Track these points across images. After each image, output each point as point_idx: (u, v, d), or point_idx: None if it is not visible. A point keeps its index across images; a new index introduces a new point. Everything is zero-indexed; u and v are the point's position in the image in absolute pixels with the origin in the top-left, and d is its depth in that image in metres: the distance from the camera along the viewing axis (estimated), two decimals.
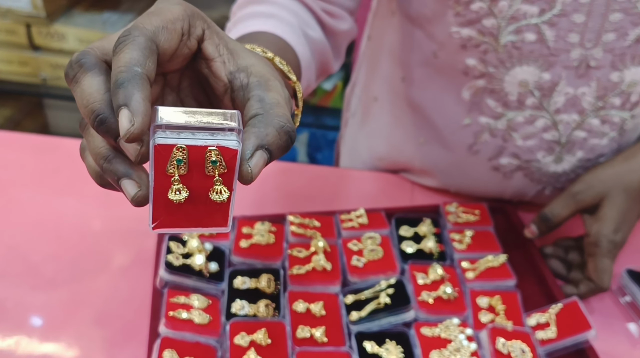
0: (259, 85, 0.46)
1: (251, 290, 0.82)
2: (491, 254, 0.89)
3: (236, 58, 0.48)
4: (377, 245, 0.89)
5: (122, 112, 0.39)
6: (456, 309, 0.81)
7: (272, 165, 1.20)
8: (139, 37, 0.42)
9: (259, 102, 0.45)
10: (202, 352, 0.73)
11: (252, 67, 0.47)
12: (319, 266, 0.84)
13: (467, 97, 0.89)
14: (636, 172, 0.86)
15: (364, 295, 0.82)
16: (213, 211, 0.45)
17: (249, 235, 0.89)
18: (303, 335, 0.76)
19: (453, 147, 0.96)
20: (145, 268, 0.88)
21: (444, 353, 0.74)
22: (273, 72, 0.49)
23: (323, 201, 1.03)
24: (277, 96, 0.46)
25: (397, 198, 1.04)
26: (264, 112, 0.44)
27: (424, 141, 1.00)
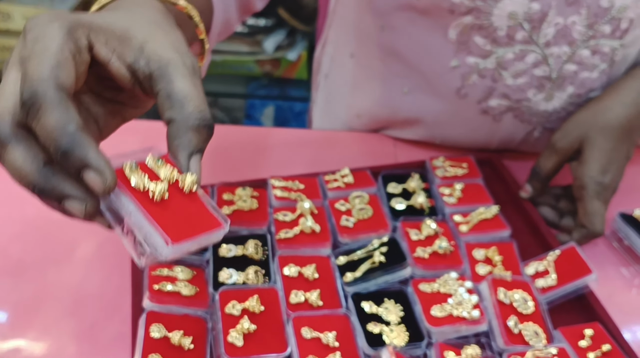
0: (162, 77, 0.45)
1: (238, 258, 0.77)
2: (483, 206, 0.86)
3: (128, 45, 0.46)
4: (366, 203, 0.85)
5: (89, 175, 0.40)
6: (453, 263, 0.78)
7: (249, 131, 1.15)
8: (47, 96, 0.40)
9: (168, 100, 0.45)
10: (191, 325, 0.68)
11: (146, 47, 0.46)
12: (307, 228, 0.80)
13: (453, 37, 0.85)
14: (611, 110, 0.84)
15: (357, 255, 0.78)
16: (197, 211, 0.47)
17: (230, 201, 0.84)
18: (297, 300, 0.72)
19: (440, 93, 0.93)
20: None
21: (445, 307, 0.71)
22: (165, 33, 0.48)
23: (303, 164, 0.98)
24: (181, 85, 0.45)
25: (380, 156, 1.01)
26: (177, 116, 0.45)
27: (408, 91, 0.96)
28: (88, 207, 0.43)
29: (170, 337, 0.66)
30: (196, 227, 0.46)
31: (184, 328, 0.67)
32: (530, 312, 0.72)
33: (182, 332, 0.67)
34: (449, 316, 0.71)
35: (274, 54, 2.30)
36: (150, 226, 0.44)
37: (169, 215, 0.45)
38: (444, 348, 0.67)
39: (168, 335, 0.66)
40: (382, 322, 0.71)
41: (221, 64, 2.31)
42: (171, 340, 0.66)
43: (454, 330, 0.70)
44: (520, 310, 0.72)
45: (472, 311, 0.70)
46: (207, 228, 0.47)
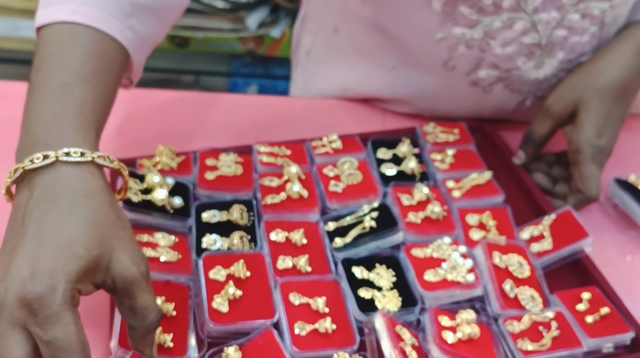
0: (125, 293, 0.52)
1: (222, 224, 0.74)
2: (475, 172, 0.84)
3: (97, 271, 0.51)
4: (355, 169, 0.82)
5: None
6: (445, 228, 0.75)
7: (233, 98, 1.11)
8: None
9: (131, 312, 0.53)
10: (173, 292, 0.65)
11: (112, 268, 0.51)
12: (295, 194, 0.76)
13: (438, 8, 0.82)
14: (606, 72, 0.82)
15: (346, 221, 0.75)
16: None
17: (214, 166, 0.80)
18: (285, 266, 0.69)
19: (427, 67, 0.89)
20: None
21: (439, 272, 0.69)
22: (124, 244, 0.53)
23: (290, 131, 0.94)
24: (142, 300, 0.52)
25: (368, 124, 0.97)
26: (139, 325, 0.53)
27: (394, 66, 0.93)
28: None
29: None
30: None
31: (166, 295, 0.64)
32: (525, 276, 0.70)
33: (164, 298, 0.63)
34: (443, 281, 0.68)
35: (257, 31, 2.24)
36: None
37: None
38: (438, 313, 0.64)
39: None
40: (374, 287, 0.68)
41: (202, 41, 2.25)
42: None
43: (448, 295, 0.68)
44: (516, 274, 0.69)
45: (466, 275, 0.68)
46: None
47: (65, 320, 0.46)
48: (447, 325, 0.63)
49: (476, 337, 0.62)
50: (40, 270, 0.47)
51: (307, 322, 0.63)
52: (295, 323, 0.63)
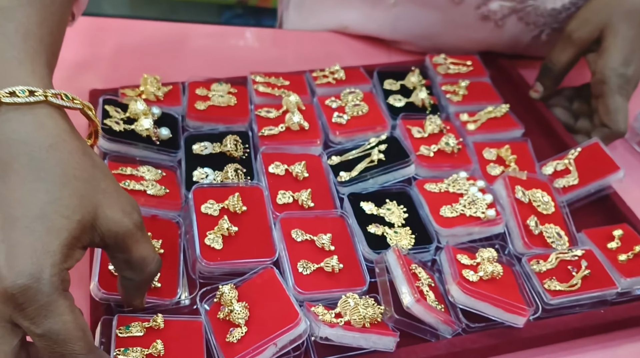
0: (118, 247, 0.45)
1: (214, 156, 0.66)
2: (491, 105, 0.76)
3: (83, 232, 0.42)
4: (360, 100, 0.74)
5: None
6: (461, 163, 0.68)
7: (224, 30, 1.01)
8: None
9: (127, 264, 0.46)
10: (161, 228, 0.58)
11: (97, 224, 0.43)
12: (295, 125, 0.69)
13: None
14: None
15: (352, 155, 0.68)
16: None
17: (204, 96, 0.73)
18: (285, 200, 0.62)
19: (431, 2, 0.81)
20: None
21: (456, 208, 0.62)
22: (108, 196, 0.44)
23: (286, 64, 0.87)
24: (138, 252, 0.45)
25: (372, 56, 0.89)
26: (138, 277, 0.47)
27: (394, 2, 0.84)
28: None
29: None
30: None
31: (152, 231, 0.57)
32: (550, 212, 0.63)
33: (150, 234, 0.56)
34: (460, 216, 0.61)
35: None
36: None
37: None
38: (457, 251, 0.58)
39: None
40: (384, 224, 0.61)
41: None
42: None
43: (467, 232, 0.61)
44: (540, 210, 0.63)
45: (487, 210, 0.61)
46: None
47: (58, 310, 0.38)
48: (467, 264, 0.57)
49: (499, 276, 0.56)
50: (17, 256, 0.38)
51: (311, 261, 0.56)
52: (299, 262, 0.56)
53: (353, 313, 0.51)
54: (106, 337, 0.49)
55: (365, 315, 0.51)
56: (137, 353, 0.48)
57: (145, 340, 0.49)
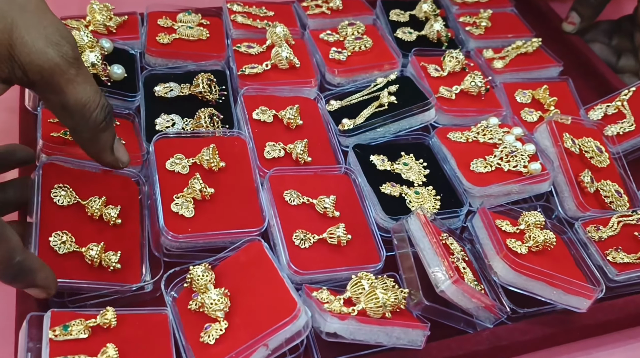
0: (49, 87, 0.37)
1: (183, 99, 0.52)
2: (519, 39, 0.63)
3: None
4: (362, 34, 0.61)
5: (33, 291, 0.37)
6: (489, 107, 0.56)
7: None
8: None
9: (64, 111, 0.38)
10: (116, 189, 0.44)
11: (16, 54, 0.35)
12: (283, 62, 0.55)
13: None
14: None
15: (355, 98, 0.55)
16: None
17: (169, 28, 0.58)
18: (275, 154, 0.49)
19: None
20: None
21: (490, 161, 0.49)
22: (30, 17, 0.35)
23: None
24: (74, 94, 0.37)
25: None
26: (81, 125, 0.39)
27: None
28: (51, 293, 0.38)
29: (86, 205, 0.42)
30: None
31: (105, 193, 0.43)
32: (605, 165, 0.51)
33: (104, 198, 0.42)
34: (496, 171, 0.49)
35: None
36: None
37: None
38: (495, 216, 0.45)
39: (81, 202, 0.42)
40: (401, 182, 0.48)
41: None
42: (86, 210, 0.42)
43: (505, 192, 0.48)
44: (594, 163, 0.50)
45: (530, 164, 0.48)
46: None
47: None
48: (510, 232, 0.44)
49: (552, 246, 0.43)
50: None
51: (311, 231, 0.43)
52: (294, 233, 0.43)
53: (369, 299, 0.38)
54: (36, 340, 0.36)
55: (385, 301, 0.38)
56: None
57: (91, 343, 0.36)
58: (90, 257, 0.40)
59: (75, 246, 0.40)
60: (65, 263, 0.39)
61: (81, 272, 0.39)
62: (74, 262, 0.40)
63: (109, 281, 0.40)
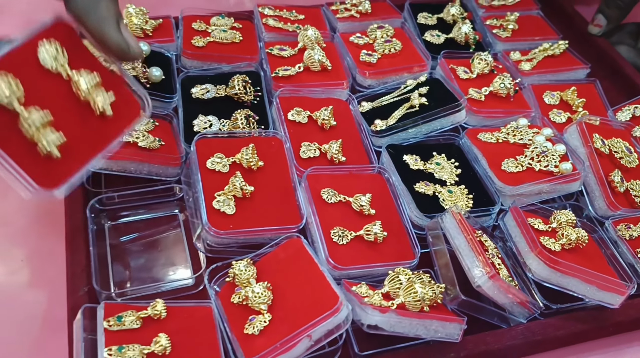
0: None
1: (219, 100, 0.54)
2: (546, 41, 0.64)
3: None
4: (391, 37, 0.62)
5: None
6: (518, 108, 0.57)
7: None
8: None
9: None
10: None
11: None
12: (315, 64, 0.56)
13: None
14: None
15: (386, 100, 0.56)
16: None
17: (203, 31, 0.60)
18: (310, 154, 0.50)
19: None
20: None
21: (521, 161, 0.50)
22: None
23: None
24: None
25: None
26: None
27: None
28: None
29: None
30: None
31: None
32: (635, 166, 0.52)
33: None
34: (527, 171, 0.50)
35: None
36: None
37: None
38: (527, 215, 0.46)
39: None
40: (434, 181, 0.49)
41: None
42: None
43: (536, 191, 0.49)
44: (624, 163, 0.51)
45: (560, 164, 0.49)
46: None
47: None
48: (543, 230, 0.45)
49: (584, 244, 0.44)
50: None
51: (348, 228, 0.45)
52: (332, 229, 0.44)
53: (408, 293, 0.39)
54: (89, 331, 0.37)
55: (423, 295, 0.39)
56: (136, 352, 0.36)
57: (143, 333, 0.37)
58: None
59: None
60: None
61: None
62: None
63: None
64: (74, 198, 0.46)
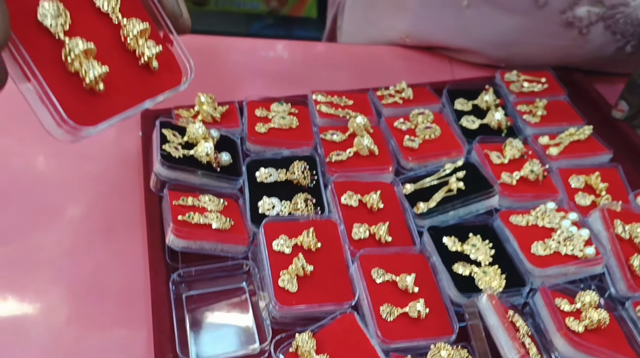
0: None
1: (280, 184, 0.61)
2: (572, 126, 0.70)
3: None
4: (431, 122, 0.69)
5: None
6: (546, 192, 0.63)
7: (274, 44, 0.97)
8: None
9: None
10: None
11: None
12: (364, 149, 0.64)
13: None
14: None
15: (427, 182, 0.63)
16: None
17: (264, 118, 0.68)
18: (360, 235, 0.57)
19: (510, 3, 0.75)
20: (130, 170, 0.67)
21: (549, 244, 0.56)
22: None
23: (347, 81, 0.81)
24: None
25: (434, 73, 0.84)
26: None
27: (467, 3, 0.79)
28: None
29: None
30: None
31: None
32: None
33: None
34: (554, 254, 0.56)
35: None
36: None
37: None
38: (555, 295, 0.52)
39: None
40: (470, 262, 0.56)
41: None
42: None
43: (562, 273, 0.55)
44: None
45: (585, 248, 0.55)
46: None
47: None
48: (568, 311, 0.51)
49: (606, 324, 0.50)
50: None
51: (395, 305, 0.51)
52: (381, 306, 0.51)
53: None
54: None
55: None
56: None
57: None
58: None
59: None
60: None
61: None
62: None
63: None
64: (157, 271, 0.54)
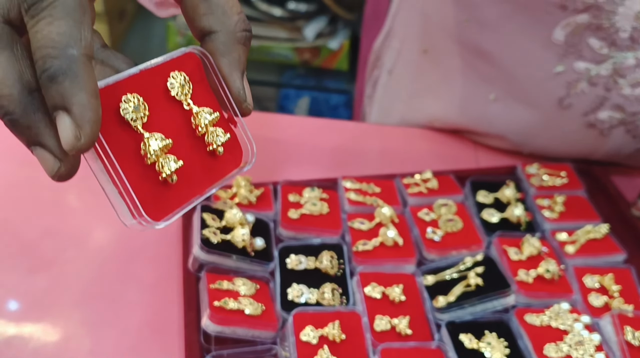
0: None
1: (310, 272, 0.66)
2: (589, 224, 0.74)
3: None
4: (454, 214, 0.73)
5: (62, 120, 0.30)
6: (561, 291, 0.66)
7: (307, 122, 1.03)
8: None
9: (205, 3, 0.37)
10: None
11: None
12: (389, 240, 0.68)
13: (561, 37, 0.72)
14: None
15: (447, 274, 0.66)
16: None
17: (297, 203, 0.73)
18: (382, 327, 0.60)
19: (537, 102, 0.80)
20: (170, 247, 0.72)
21: (561, 347, 0.59)
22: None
23: (374, 163, 0.86)
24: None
25: (459, 159, 0.88)
26: (220, 26, 0.38)
27: (495, 97, 0.83)
28: (62, 169, 0.32)
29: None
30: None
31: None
32: None
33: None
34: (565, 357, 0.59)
35: (315, 41, 2.18)
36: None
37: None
38: None
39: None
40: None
41: (257, 49, 2.20)
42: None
43: None
44: None
45: (595, 354, 0.58)
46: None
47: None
48: None
49: None
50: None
51: None
52: None
53: None
54: None
55: None
56: None
57: None
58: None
59: None
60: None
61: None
62: None
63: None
64: (192, 353, 0.58)
